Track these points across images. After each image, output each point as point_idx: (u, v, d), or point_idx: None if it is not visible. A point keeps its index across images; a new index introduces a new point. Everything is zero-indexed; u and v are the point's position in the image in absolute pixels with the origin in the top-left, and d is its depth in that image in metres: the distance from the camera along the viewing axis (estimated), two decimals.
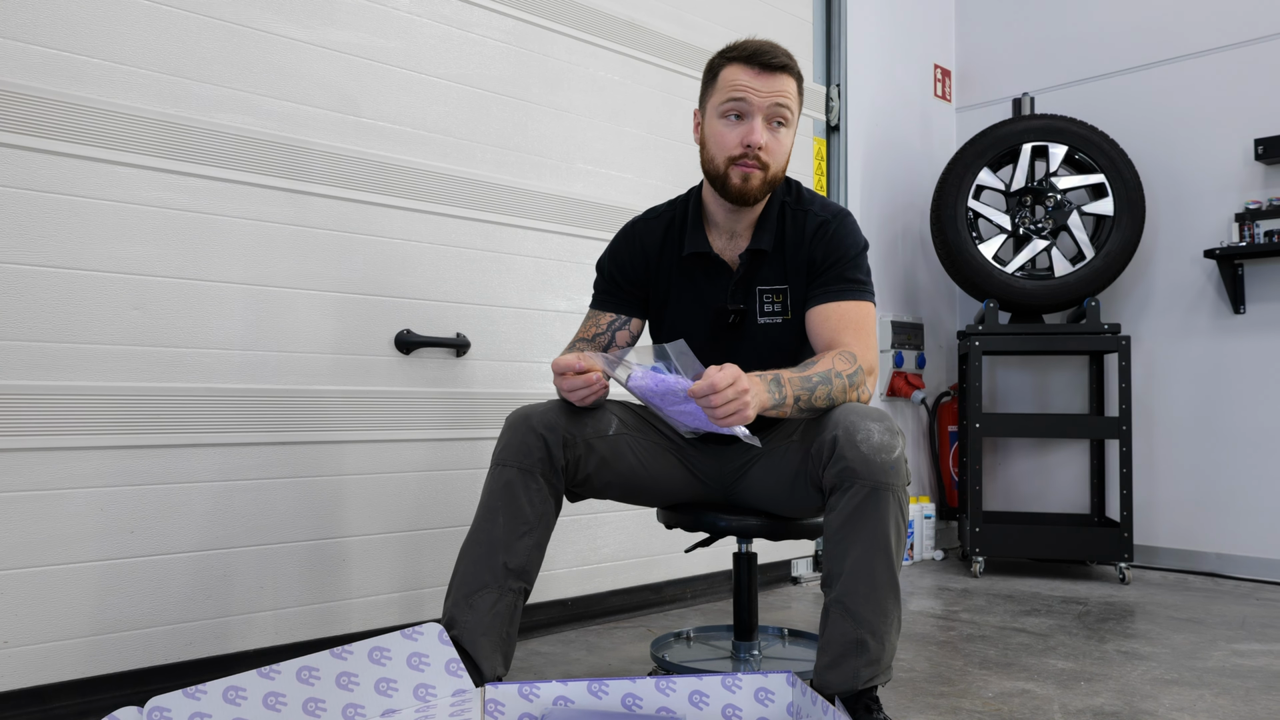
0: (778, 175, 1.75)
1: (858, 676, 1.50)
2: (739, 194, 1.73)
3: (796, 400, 1.58)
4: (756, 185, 1.72)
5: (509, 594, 1.63)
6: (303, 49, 2.14)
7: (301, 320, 2.12)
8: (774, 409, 1.56)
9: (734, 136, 1.71)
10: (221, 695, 1.41)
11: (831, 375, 1.61)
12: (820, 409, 1.61)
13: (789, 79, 1.72)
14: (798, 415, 1.62)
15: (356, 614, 2.19)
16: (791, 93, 1.73)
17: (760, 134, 1.70)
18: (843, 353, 1.66)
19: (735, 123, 1.72)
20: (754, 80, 1.70)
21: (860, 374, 1.64)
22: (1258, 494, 3.32)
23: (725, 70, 1.73)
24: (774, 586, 3.20)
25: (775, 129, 1.72)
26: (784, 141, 1.74)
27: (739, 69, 1.71)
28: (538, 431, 1.65)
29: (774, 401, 1.55)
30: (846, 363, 1.64)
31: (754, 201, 1.75)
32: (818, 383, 1.59)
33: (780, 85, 1.71)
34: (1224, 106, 3.42)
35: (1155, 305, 3.58)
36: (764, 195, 1.75)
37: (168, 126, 1.93)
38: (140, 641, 1.88)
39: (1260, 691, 2.01)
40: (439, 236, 2.36)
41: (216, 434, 1.98)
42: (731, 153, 1.71)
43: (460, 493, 2.36)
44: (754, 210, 1.80)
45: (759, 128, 1.70)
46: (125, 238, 1.88)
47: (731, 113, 1.72)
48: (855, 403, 1.62)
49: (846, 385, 1.62)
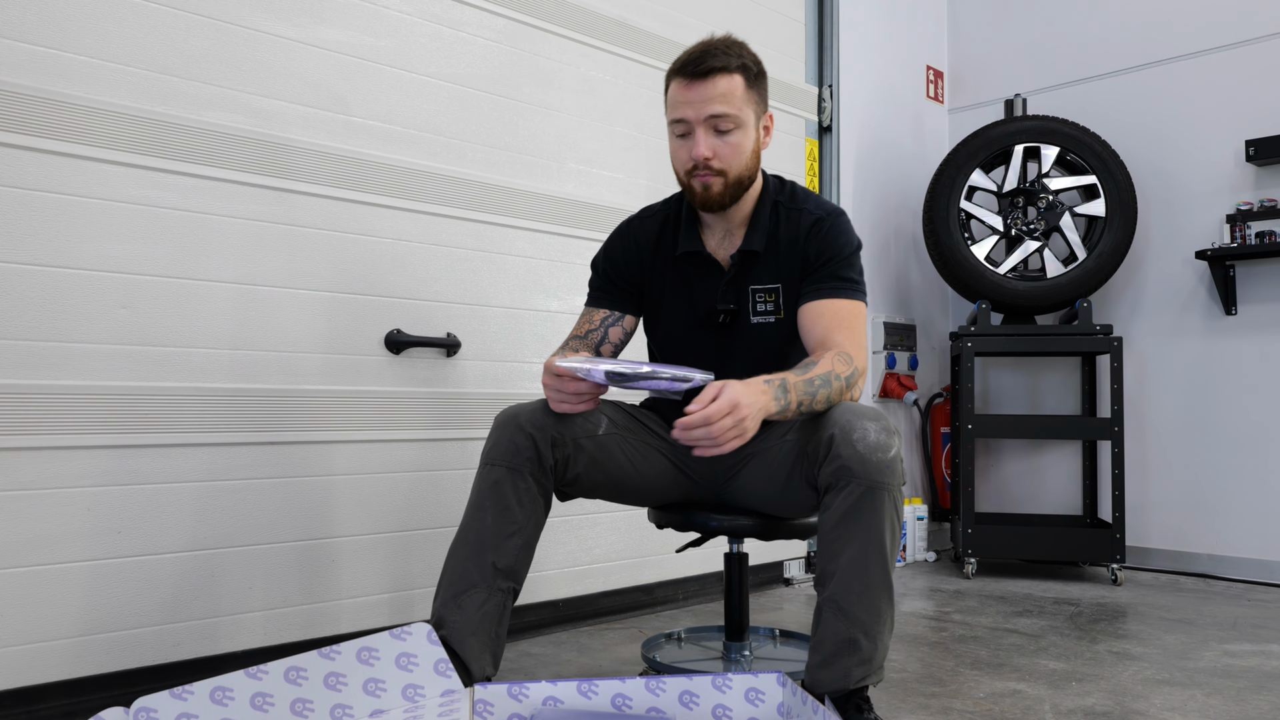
0: (743, 175, 1.74)
1: (849, 676, 1.50)
2: (704, 203, 1.74)
3: (800, 405, 1.58)
4: (719, 192, 1.72)
5: (498, 594, 1.62)
6: (292, 47, 2.13)
7: (291, 320, 2.11)
8: (778, 414, 1.56)
9: (684, 152, 1.73)
10: (209, 695, 1.40)
11: (832, 378, 1.61)
12: (818, 411, 1.62)
13: (725, 78, 1.68)
14: (796, 417, 1.62)
15: (346, 615, 2.18)
16: (731, 92, 1.68)
17: (704, 147, 1.69)
18: (841, 354, 1.66)
19: (683, 139, 1.73)
20: (688, 92, 1.69)
21: (856, 375, 1.65)
22: (1249, 495, 3.32)
23: (670, 86, 1.74)
24: (766, 588, 3.19)
25: (723, 134, 1.70)
26: (736, 142, 1.71)
27: (676, 83, 1.72)
28: (526, 431, 1.65)
29: (779, 408, 1.55)
30: (845, 365, 1.64)
31: (724, 206, 1.75)
32: (819, 386, 1.60)
33: (715, 90, 1.67)
34: (1215, 108, 3.43)
35: (1147, 306, 3.58)
36: (735, 197, 1.75)
37: (156, 124, 1.91)
38: (128, 642, 1.87)
39: (1251, 691, 2.01)
40: (429, 236, 2.35)
41: (205, 434, 1.97)
42: (686, 166, 1.73)
43: (450, 493, 2.35)
44: (743, 209, 1.80)
45: (701, 140, 1.69)
46: (113, 236, 1.87)
47: (677, 131, 1.73)
48: (850, 402, 1.62)
49: (844, 387, 1.63)
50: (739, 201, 1.78)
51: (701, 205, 1.75)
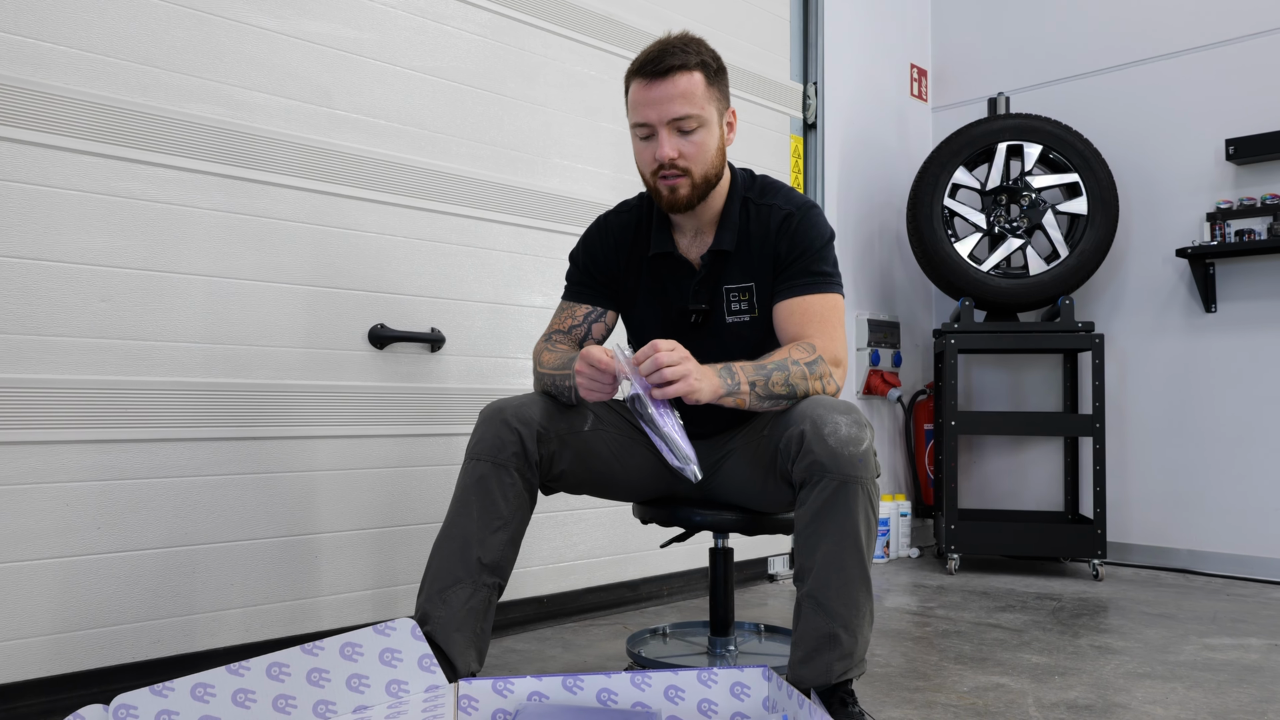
0: (709, 174, 1.71)
1: (831, 670, 1.50)
2: (670, 204, 1.72)
3: (753, 386, 1.57)
4: (685, 193, 1.70)
5: (483, 589, 1.61)
6: (275, 39, 2.11)
7: (272, 314, 2.10)
8: (729, 395, 1.56)
9: (648, 154, 1.70)
10: (189, 692, 1.38)
11: (788, 363, 1.61)
12: (782, 396, 1.60)
13: (685, 76, 1.65)
14: (760, 405, 1.61)
15: (328, 611, 2.17)
16: (692, 91, 1.65)
17: (668, 148, 1.66)
18: (800, 343, 1.66)
19: (646, 142, 1.71)
20: (648, 93, 1.66)
21: (821, 364, 1.63)
22: (1228, 491, 3.35)
23: (630, 87, 1.71)
24: (751, 584, 3.19)
25: (686, 134, 1.67)
26: (700, 140, 1.68)
27: (636, 84, 1.69)
28: (512, 425, 1.64)
29: (728, 388, 1.56)
30: (804, 351, 1.63)
31: (691, 206, 1.72)
32: (773, 370, 1.59)
33: (675, 90, 1.65)
34: (1196, 107, 3.46)
35: (1128, 304, 3.61)
36: (701, 196, 1.72)
37: (136, 116, 1.89)
38: (106, 639, 1.85)
39: (1231, 684, 2.02)
40: (413, 230, 2.34)
41: (185, 429, 1.95)
42: (651, 168, 1.71)
43: (434, 489, 2.33)
44: (712, 207, 1.78)
45: (665, 141, 1.66)
46: (92, 229, 1.85)
47: (640, 134, 1.71)
48: (822, 395, 1.62)
49: (806, 373, 1.61)
50: (707, 200, 1.75)
51: (669, 207, 1.73)
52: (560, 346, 1.79)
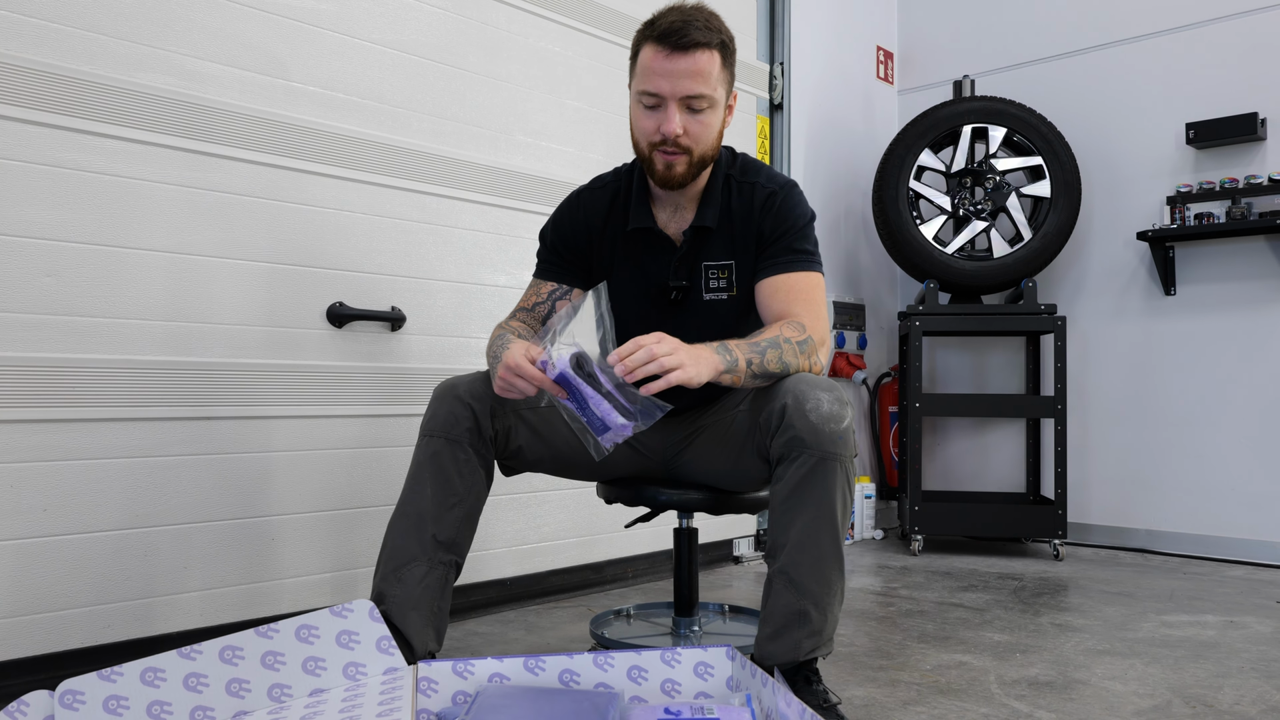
0: (706, 154, 1.69)
1: (799, 648, 1.49)
2: (664, 180, 1.69)
3: (749, 364, 1.54)
4: (681, 170, 1.67)
5: (439, 567, 1.59)
6: (228, 8, 2.05)
7: (227, 291, 2.04)
8: (727, 373, 1.51)
9: (651, 124, 1.65)
10: (139, 677, 1.35)
11: (780, 340, 1.58)
12: (775, 374, 1.57)
13: (705, 54, 1.62)
14: (753, 383, 1.58)
15: (287, 594, 2.13)
16: (709, 71, 1.63)
17: (675, 123, 1.63)
18: (790, 321, 1.64)
19: (652, 111, 1.66)
20: (666, 63, 1.61)
21: (811, 343, 1.62)
22: (1185, 472, 3.40)
23: (642, 51, 1.66)
24: (716, 566, 3.19)
25: (696, 113, 1.64)
26: (708, 121, 1.66)
27: (653, 51, 1.63)
28: (464, 401, 1.61)
29: (726, 365, 1.51)
30: (795, 330, 1.62)
31: (683, 185, 1.70)
32: (766, 347, 1.57)
33: (694, 65, 1.61)
34: (1157, 91, 3.48)
35: (1090, 286, 3.64)
36: (694, 176, 1.70)
37: (82, 85, 1.83)
38: (54, 624, 1.79)
39: (1188, 660, 2.05)
40: (373, 207, 2.29)
41: (136, 408, 1.89)
42: (652, 139, 1.66)
43: (395, 470, 2.29)
44: (696, 184, 1.76)
45: (674, 116, 1.63)
46: (36, 201, 1.78)
47: (646, 102, 1.66)
48: (806, 373, 1.60)
49: (797, 350, 1.59)
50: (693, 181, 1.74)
51: (662, 183, 1.70)
52: (513, 324, 1.75)
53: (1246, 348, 3.29)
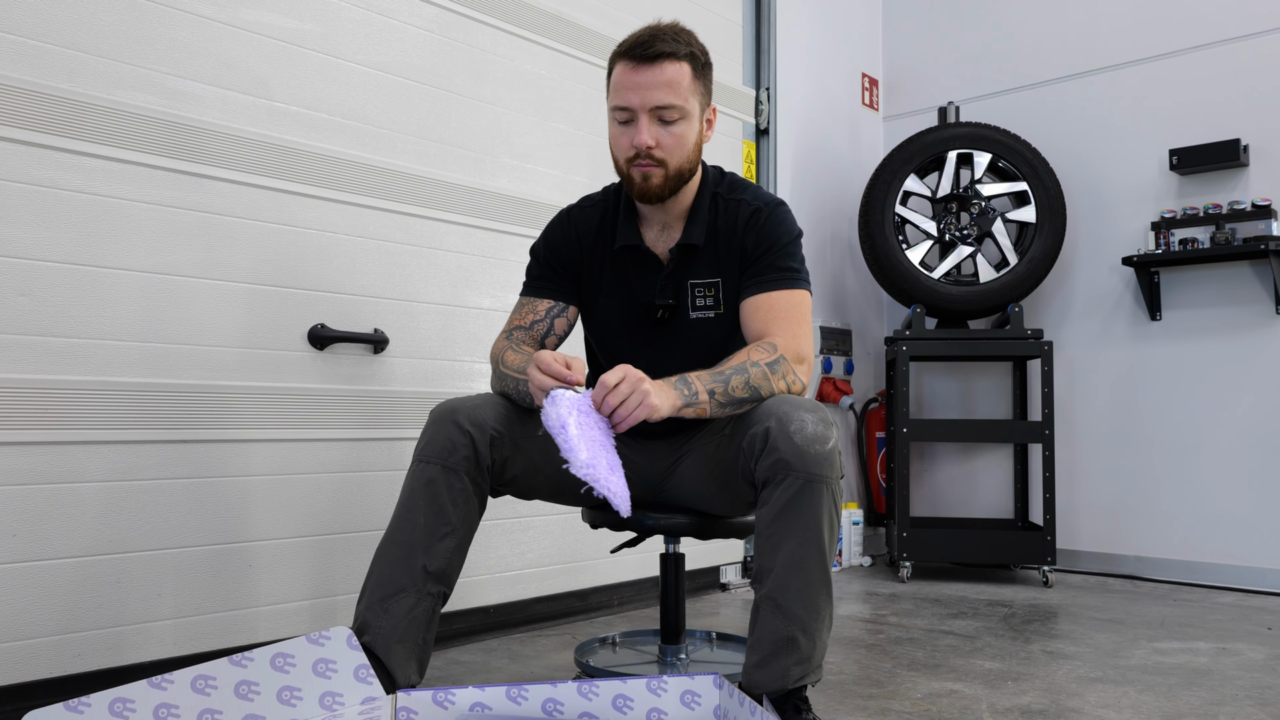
0: (684, 167, 1.69)
1: (788, 675, 1.45)
2: (642, 193, 1.69)
3: (712, 395, 1.54)
4: (658, 183, 1.67)
5: (427, 598, 1.55)
6: (211, 26, 2.03)
7: (206, 312, 2.01)
8: (688, 407, 1.52)
9: (625, 140, 1.67)
10: (107, 708, 1.30)
11: (747, 365, 1.57)
12: (745, 400, 1.56)
13: (674, 65, 1.63)
14: (722, 411, 1.57)
15: (264, 623, 2.08)
16: (677, 81, 1.64)
17: (646, 135, 1.63)
18: (761, 343, 1.62)
19: (625, 126, 1.67)
20: (634, 76, 1.63)
21: (783, 363, 1.60)
22: (1173, 498, 3.39)
23: (614, 69, 1.69)
24: (703, 593, 3.15)
25: (667, 125, 1.65)
26: (680, 132, 1.66)
27: (621, 67, 1.66)
28: (464, 428, 1.58)
29: (685, 399, 1.52)
30: (764, 352, 1.60)
31: (661, 198, 1.70)
32: (731, 374, 1.55)
33: (661, 76, 1.62)
34: (1141, 117, 3.51)
35: (1076, 311, 3.64)
36: (674, 189, 1.70)
37: (60, 102, 1.80)
38: (20, 653, 1.74)
39: (1181, 688, 2.02)
40: (356, 228, 2.26)
41: (110, 430, 1.85)
42: (627, 154, 1.67)
43: (377, 495, 2.25)
44: (682, 201, 1.75)
45: (644, 128, 1.63)
46: (10, 219, 1.75)
47: (620, 118, 1.67)
48: (787, 394, 1.58)
49: (767, 373, 1.57)
50: (678, 194, 1.73)
51: (640, 196, 1.70)
52: (525, 348, 1.73)
53: (1233, 372, 3.29)
